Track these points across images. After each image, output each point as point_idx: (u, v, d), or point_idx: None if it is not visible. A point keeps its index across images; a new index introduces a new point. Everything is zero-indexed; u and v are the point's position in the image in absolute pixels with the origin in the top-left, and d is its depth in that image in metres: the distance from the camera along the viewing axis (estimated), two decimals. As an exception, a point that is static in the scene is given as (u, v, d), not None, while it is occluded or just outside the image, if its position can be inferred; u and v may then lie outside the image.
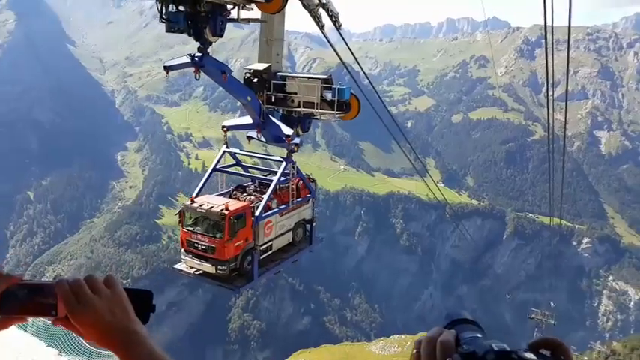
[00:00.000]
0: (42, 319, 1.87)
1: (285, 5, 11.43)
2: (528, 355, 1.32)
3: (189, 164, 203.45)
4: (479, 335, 1.49)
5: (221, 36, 11.24)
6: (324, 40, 13.49)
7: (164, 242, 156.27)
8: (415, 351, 1.56)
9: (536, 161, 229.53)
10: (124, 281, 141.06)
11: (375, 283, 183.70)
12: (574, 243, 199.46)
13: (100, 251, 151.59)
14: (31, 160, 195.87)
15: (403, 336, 56.32)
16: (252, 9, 11.69)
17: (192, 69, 11.66)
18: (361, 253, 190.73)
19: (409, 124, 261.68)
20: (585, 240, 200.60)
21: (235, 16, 11.41)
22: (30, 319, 1.76)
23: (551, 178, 27.58)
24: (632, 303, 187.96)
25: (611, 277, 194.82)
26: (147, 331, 1.79)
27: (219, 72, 11.93)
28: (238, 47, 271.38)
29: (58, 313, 1.70)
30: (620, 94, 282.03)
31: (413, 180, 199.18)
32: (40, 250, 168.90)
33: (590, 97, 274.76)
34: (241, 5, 11.32)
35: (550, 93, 17.07)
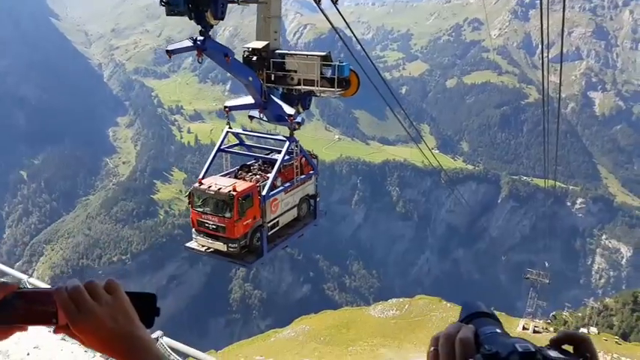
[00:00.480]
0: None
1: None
2: (553, 354, 1.28)
3: (181, 138, 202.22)
4: (498, 330, 1.43)
5: (222, 19, 11.39)
6: (315, 5, 13.29)
7: (161, 217, 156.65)
8: (432, 348, 1.47)
9: (530, 124, 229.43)
10: (123, 257, 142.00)
11: (373, 249, 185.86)
12: (568, 204, 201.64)
13: (97, 228, 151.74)
14: (19, 137, 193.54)
15: (401, 299, 57.10)
16: None
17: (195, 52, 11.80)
18: (358, 221, 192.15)
19: (403, 90, 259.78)
20: (579, 200, 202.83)
21: None
22: (29, 328, 1.70)
23: (546, 140, 27.55)
24: (624, 260, 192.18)
25: (604, 236, 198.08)
26: (150, 337, 1.73)
27: (222, 55, 12.05)
28: (226, 15, 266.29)
29: (58, 322, 1.65)
30: (615, 53, 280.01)
31: (408, 147, 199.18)
32: (36, 229, 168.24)
33: (584, 57, 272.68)
34: None
35: (545, 54, 16.87)
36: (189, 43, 11.65)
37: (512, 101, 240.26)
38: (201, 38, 11.45)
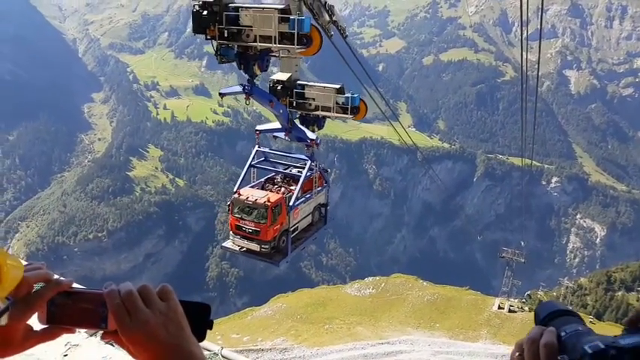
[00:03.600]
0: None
1: (320, 48, 13.33)
2: (628, 340, 1.25)
3: (157, 114, 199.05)
4: (580, 328, 1.39)
5: (266, 70, 13.80)
6: (293, -20, 14.26)
7: (137, 194, 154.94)
8: (517, 354, 1.46)
9: (506, 102, 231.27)
10: (99, 235, 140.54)
11: (349, 228, 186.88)
12: (543, 182, 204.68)
13: (72, 205, 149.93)
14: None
15: (377, 278, 57.55)
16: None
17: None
18: (335, 199, 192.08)
19: (380, 68, 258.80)
20: (554, 179, 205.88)
21: (277, 54, 14.03)
22: (78, 331, 1.67)
23: (523, 119, 27.54)
24: (598, 239, 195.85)
25: (579, 215, 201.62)
26: (202, 351, 1.60)
27: (268, 101, 14.47)
28: None
29: (108, 326, 1.54)
30: (590, 32, 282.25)
31: (385, 125, 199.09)
32: (11, 206, 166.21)
33: (559, 35, 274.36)
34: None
35: (523, 31, 16.93)
36: (239, 89, 14.15)
37: (488, 79, 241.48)
38: (249, 86, 13.73)
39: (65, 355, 7.47)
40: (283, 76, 15.70)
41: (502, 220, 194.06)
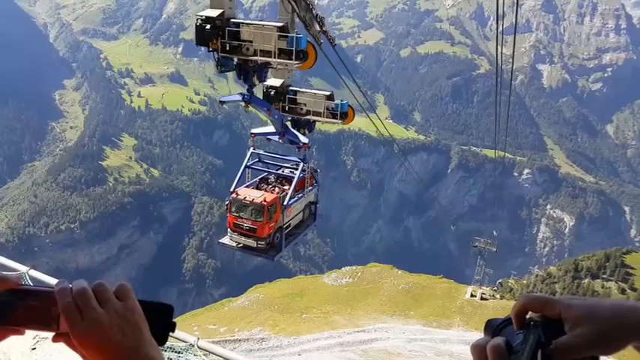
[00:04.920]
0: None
1: (315, 62, 14.14)
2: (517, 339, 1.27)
3: (131, 102, 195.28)
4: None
5: (265, 81, 15.28)
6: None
7: (111, 185, 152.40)
8: None
9: (480, 95, 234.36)
10: (72, 226, 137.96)
11: (327, 218, 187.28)
12: (515, 174, 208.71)
13: (43, 195, 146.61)
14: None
15: (354, 267, 58.10)
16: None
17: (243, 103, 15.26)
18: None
19: (358, 59, 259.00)
20: (526, 171, 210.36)
21: (275, 66, 14.75)
22: (27, 332, 1.44)
23: (497, 112, 28.13)
24: (567, 229, 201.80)
25: (549, 206, 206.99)
26: (162, 355, 1.46)
27: (265, 109, 15.54)
28: None
29: (59, 328, 1.40)
30: (562, 27, 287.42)
31: (363, 116, 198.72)
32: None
33: (533, 30, 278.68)
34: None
35: (499, 25, 17.44)
36: (238, 98, 15.23)
37: (463, 72, 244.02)
38: (249, 95, 14.83)
39: (33, 349, 7.42)
40: (277, 82, 16.65)
41: (475, 211, 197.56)
